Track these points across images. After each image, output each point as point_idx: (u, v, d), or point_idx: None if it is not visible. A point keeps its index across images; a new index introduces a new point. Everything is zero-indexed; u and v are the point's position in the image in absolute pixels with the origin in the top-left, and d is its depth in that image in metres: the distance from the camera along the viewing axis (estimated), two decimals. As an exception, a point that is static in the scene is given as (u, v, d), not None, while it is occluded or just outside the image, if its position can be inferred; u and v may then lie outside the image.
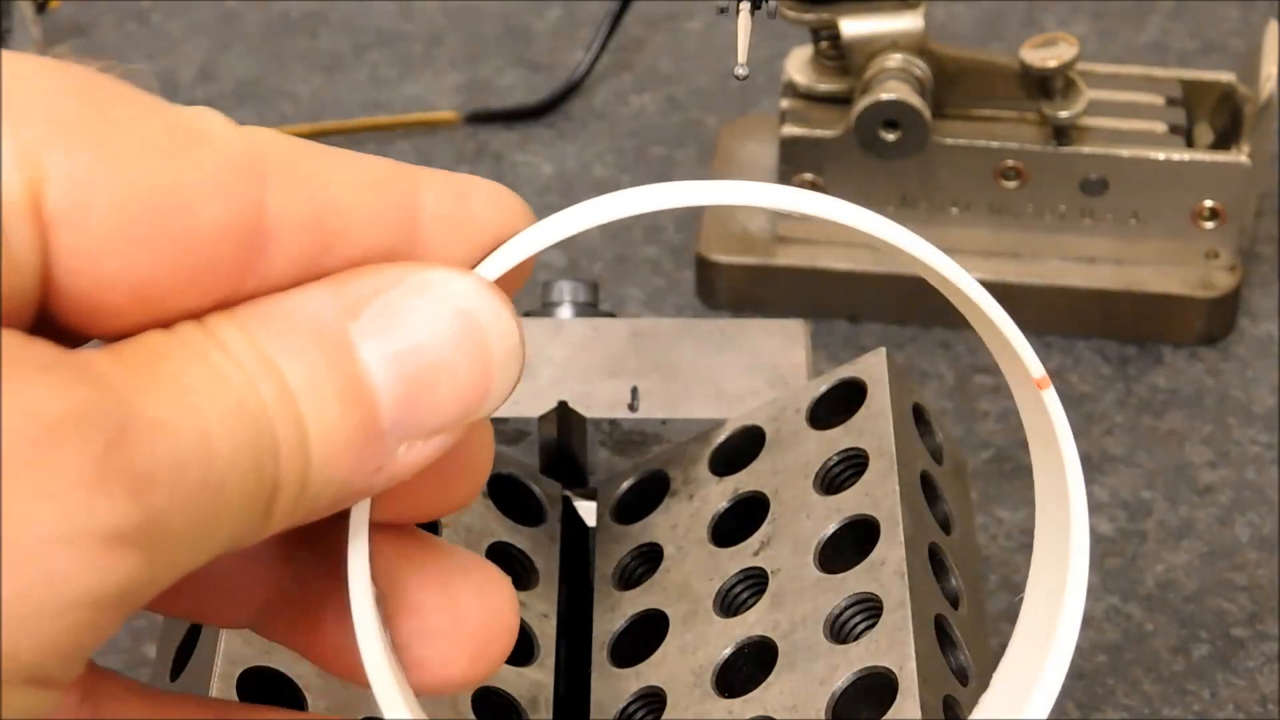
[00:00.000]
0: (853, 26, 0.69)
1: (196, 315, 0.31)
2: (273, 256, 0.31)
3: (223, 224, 0.31)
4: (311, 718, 0.37)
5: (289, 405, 0.30)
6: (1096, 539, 0.64)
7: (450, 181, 0.35)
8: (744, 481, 0.51)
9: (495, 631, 0.34)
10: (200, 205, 0.30)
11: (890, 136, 0.68)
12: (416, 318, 0.32)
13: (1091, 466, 0.66)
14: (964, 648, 0.47)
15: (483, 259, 0.34)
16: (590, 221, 0.34)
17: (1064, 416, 0.36)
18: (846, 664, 0.45)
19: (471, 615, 0.34)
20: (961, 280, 0.35)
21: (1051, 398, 0.35)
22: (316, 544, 0.34)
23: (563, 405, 0.54)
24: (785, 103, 0.71)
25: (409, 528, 0.34)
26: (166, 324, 0.31)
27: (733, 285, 0.72)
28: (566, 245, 0.74)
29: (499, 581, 0.34)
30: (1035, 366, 0.35)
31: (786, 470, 0.50)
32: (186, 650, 0.46)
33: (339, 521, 0.32)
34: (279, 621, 0.35)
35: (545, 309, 0.61)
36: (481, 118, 0.79)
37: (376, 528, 0.33)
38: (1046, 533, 0.37)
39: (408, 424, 0.32)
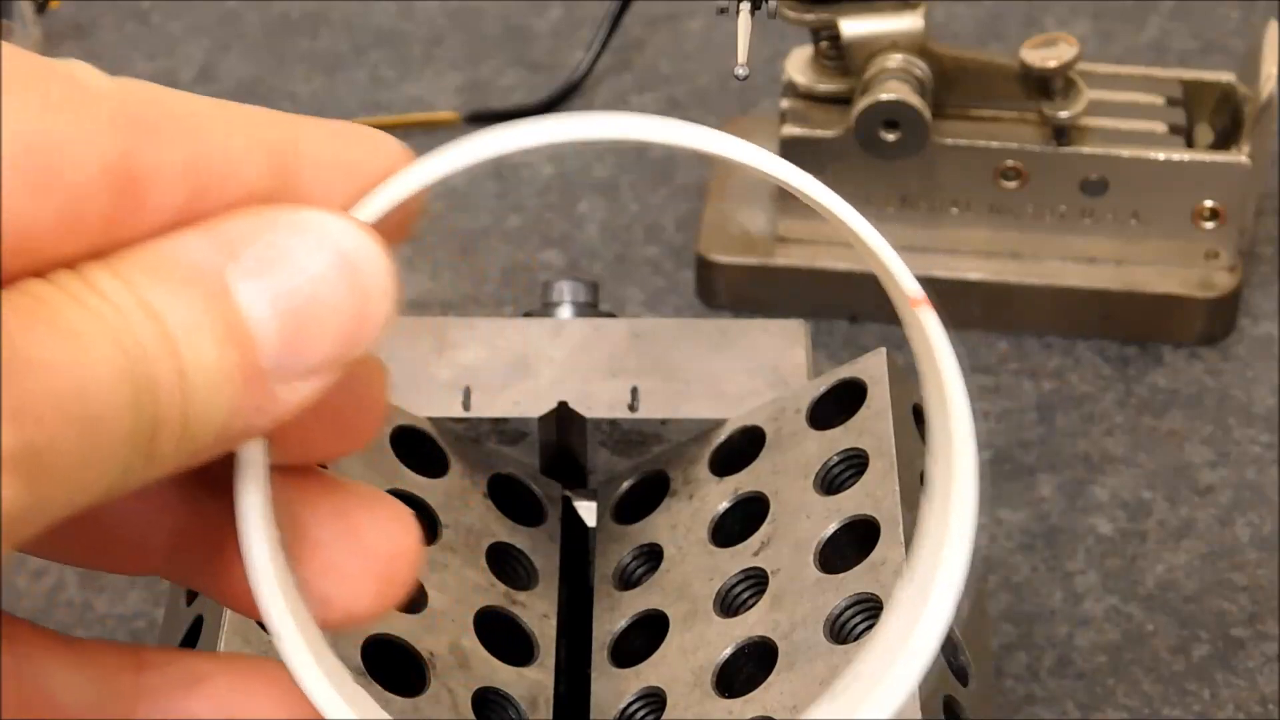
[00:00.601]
0: (853, 26, 0.69)
1: (74, 263, 0.31)
2: (150, 204, 0.32)
3: (97, 172, 0.31)
4: (231, 655, 0.37)
5: (167, 345, 0.31)
6: (1096, 539, 0.64)
7: (330, 129, 0.35)
8: (744, 482, 0.51)
9: (398, 561, 0.34)
10: (74, 154, 0.31)
11: (890, 136, 0.68)
12: (292, 257, 0.32)
13: (1091, 467, 0.66)
14: (964, 648, 0.47)
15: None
16: (463, 161, 0.35)
17: (944, 338, 0.36)
18: (846, 664, 0.45)
19: (373, 546, 0.34)
20: (833, 203, 0.34)
21: (929, 317, 0.35)
22: (216, 487, 0.34)
23: (563, 405, 0.54)
24: (785, 103, 0.71)
25: (310, 469, 0.35)
26: (43, 273, 0.31)
27: (733, 285, 0.72)
28: (567, 245, 0.74)
29: (399, 512, 0.34)
30: (911, 286, 0.35)
31: (786, 470, 0.50)
32: (188, 645, 0.46)
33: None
34: (187, 566, 0.36)
35: (545, 309, 0.61)
36: (481, 118, 0.79)
37: (277, 470, 0.34)
38: (934, 488, 0.36)
39: (287, 363, 0.32)
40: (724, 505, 0.51)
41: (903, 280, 0.35)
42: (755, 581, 0.48)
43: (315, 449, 0.36)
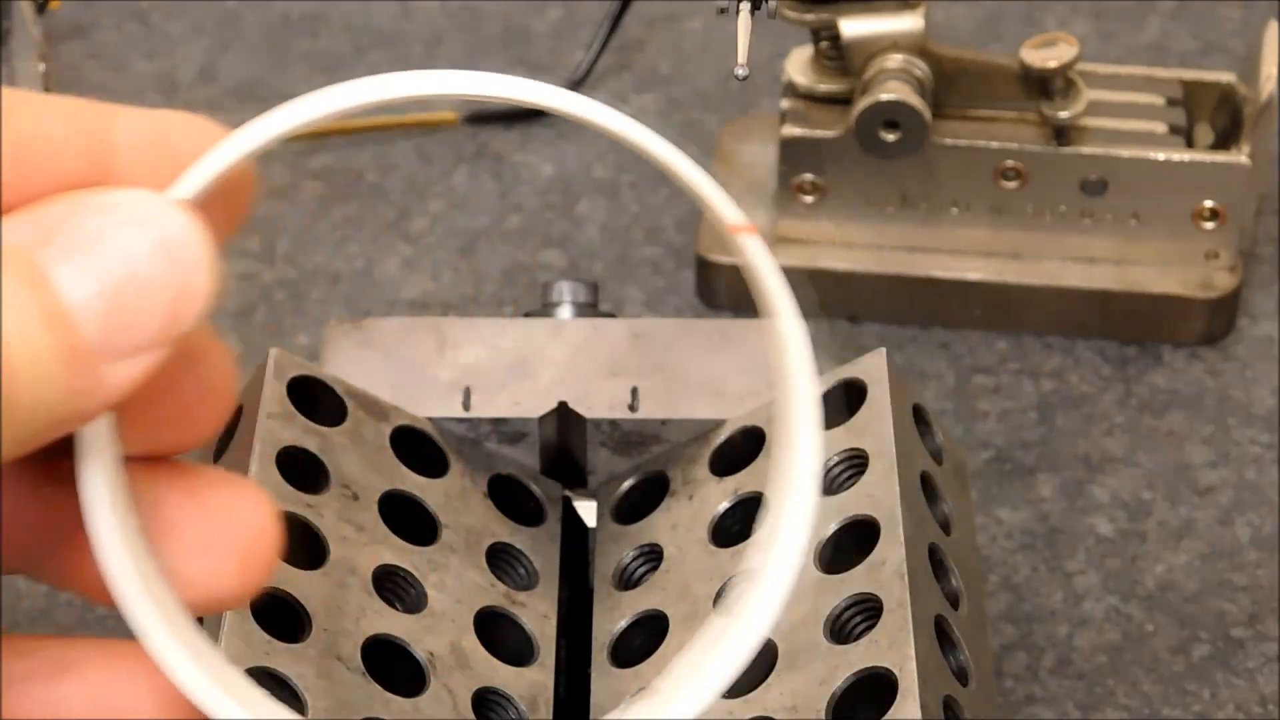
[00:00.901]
0: (853, 27, 0.69)
1: None
2: None
3: None
4: (106, 641, 0.37)
5: None
6: (1096, 539, 0.64)
7: (147, 117, 0.36)
8: (744, 482, 0.51)
9: (257, 540, 0.34)
10: None
11: (890, 137, 0.68)
12: (106, 237, 0.33)
13: (1091, 467, 0.66)
14: (964, 648, 0.47)
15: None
16: (276, 129, 0.35)
17: (771, 262, 0.36)
18: (846, 664, 0.45)
19: (229, 525, 0.34)
20: (646, 139, 0.34)
21: (753, 242, 0.35)
22: (65, 480, 0.34)
23: (563, 405, 0.54)
24: (785, 103, 0.71)
25: (162, 459, 0.35)
26: None
27: (733, 285, 0.72)
28: (567, 246, 0.74)
29: (253, 492, 0.35)
30: (731, 213, 0.34)
31: (786, 470, 0.50)
32: (186, 650, 0.46)
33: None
34: (46, 563, 0.36)
35: (545, 309, 0.61)
36: (481, 118, 0.79)
37: (128, 461, 0.34)
38: (780, 460, 0.35)
39: (111, 342, 0.33)
40: (724, 505, 0.51)
41: (724, 210, 0.35)
42: (755, 582, 0.48)
43: (161, 439, 0.35)
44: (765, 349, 0.44)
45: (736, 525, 0.50)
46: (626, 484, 0.53)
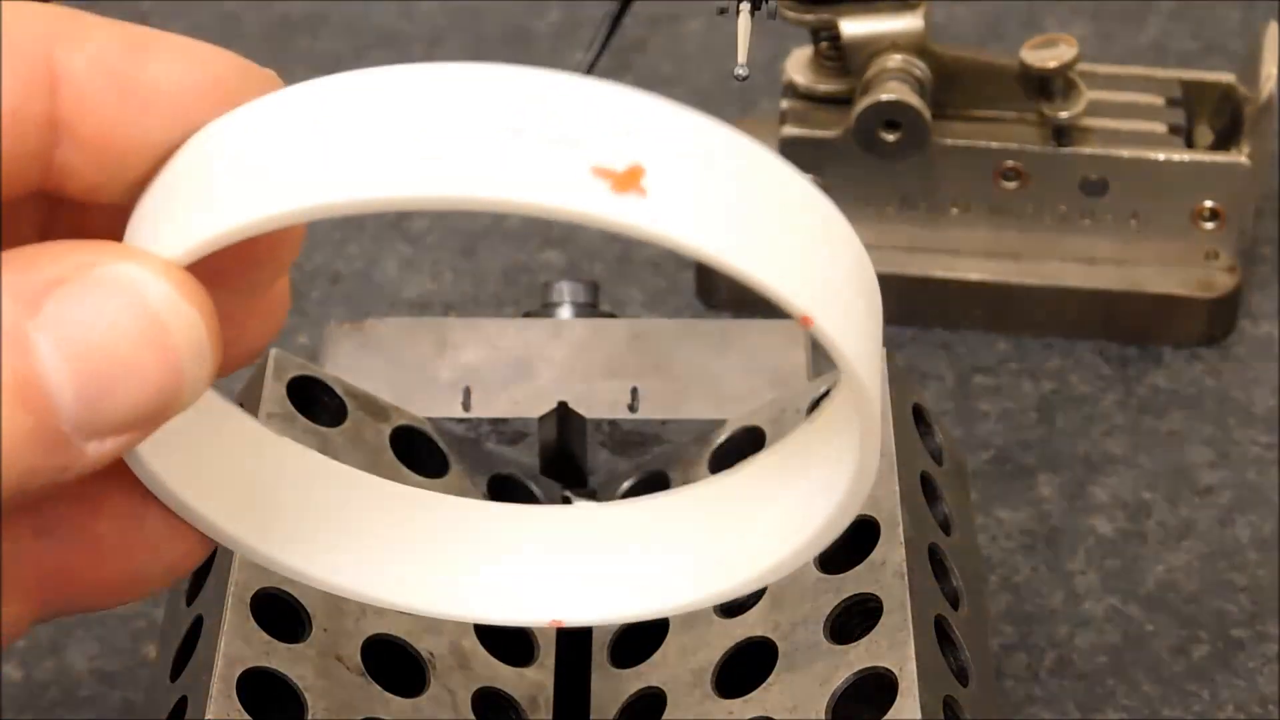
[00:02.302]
0: (853, 27, 0.69)
1: None
2: None
3: None
4: None
5: None
6: (1096, 539, 0.64)
7: (119, 35, 0.32)
8: (744, 482, 0.51)
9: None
10: None
11: (890, 137, 0.68)
12: (96, 314, 0.30)
13: (1091, 467, 0.66)
14: (964, 648, 0.47)
15: (164, 135, 0.31)
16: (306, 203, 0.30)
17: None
18: (846, 664, 0.45)
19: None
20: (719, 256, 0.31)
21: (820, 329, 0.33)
22: (59, 527, 0.34)
23: (563, 405, 0.54)
24: (785, 103, 0.71)
25: None
26: None
27: (733, 286, 0.72)
28: (567, 246, 0.74)
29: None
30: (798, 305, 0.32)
31: (786, 470, 0.50)
32: (186, 651, 0.46)
33: None
34: (66, 596, 0.35)
35: (545, 309, 0.61)
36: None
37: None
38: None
39: (89, 423, 0.31)
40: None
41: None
42: (755, 581, 0.48)
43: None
44: (765, 349, 0.44)
45: (736, 525, 0.50)
46: (626, 484, 0.53)
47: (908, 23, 0.69)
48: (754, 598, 0.48)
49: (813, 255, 0.32)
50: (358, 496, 0.38)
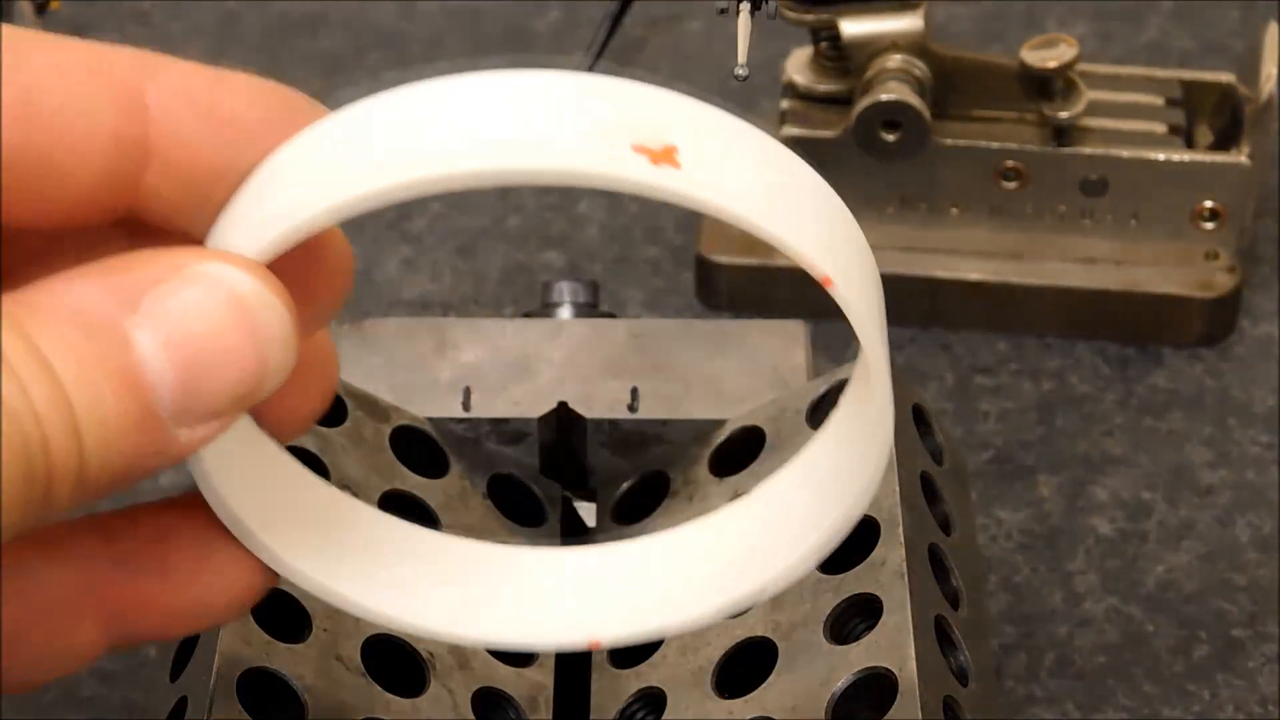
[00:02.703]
0: (853, 27, 0.69)
1: None
2: None
3: None
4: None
5: (60, 404, 0.32)
6: (1096, 539, 0.64)
7: (197, 71, 0.35)
8: (744, 482, 0.51)
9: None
10: None
11: (890, 137, 0.68)
12: (190, 307, 0.33)
13: (1092, 467, 0.66)
14: (964, 648, 0.47)
15: (240, 158, 0.35)
16: (367, 195, 0.34)
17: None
18: (846, 664, 0.45)
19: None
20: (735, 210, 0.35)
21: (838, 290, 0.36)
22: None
23: (563, 405, 0.54)
24: (785, 103, 0.71)
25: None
26: None
27: (733, 285, 0.72)
28: (567, 246, 0.74)
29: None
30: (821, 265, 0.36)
31: (786, 471, 0.50)
32: (186, 651, 0.46)
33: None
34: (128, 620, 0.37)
35: (545, 310, 0.61)
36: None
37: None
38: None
39: (185, 409, 0.33)
40: (724, 505, 0.51)
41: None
42: (755, 582, 0.48)
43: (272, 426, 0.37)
44: (765, 349, 0.45)
45: (736, 525, 0.50)
46: (626, 484, 0.53)
47: (908, 23, 0.69)
48: (754, 598, 0.48)
49: (828, 227, 0.36)
50: (401, 539, 0.41)
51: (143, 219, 0.36)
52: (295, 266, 0.35)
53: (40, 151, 0.33)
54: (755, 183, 0.35)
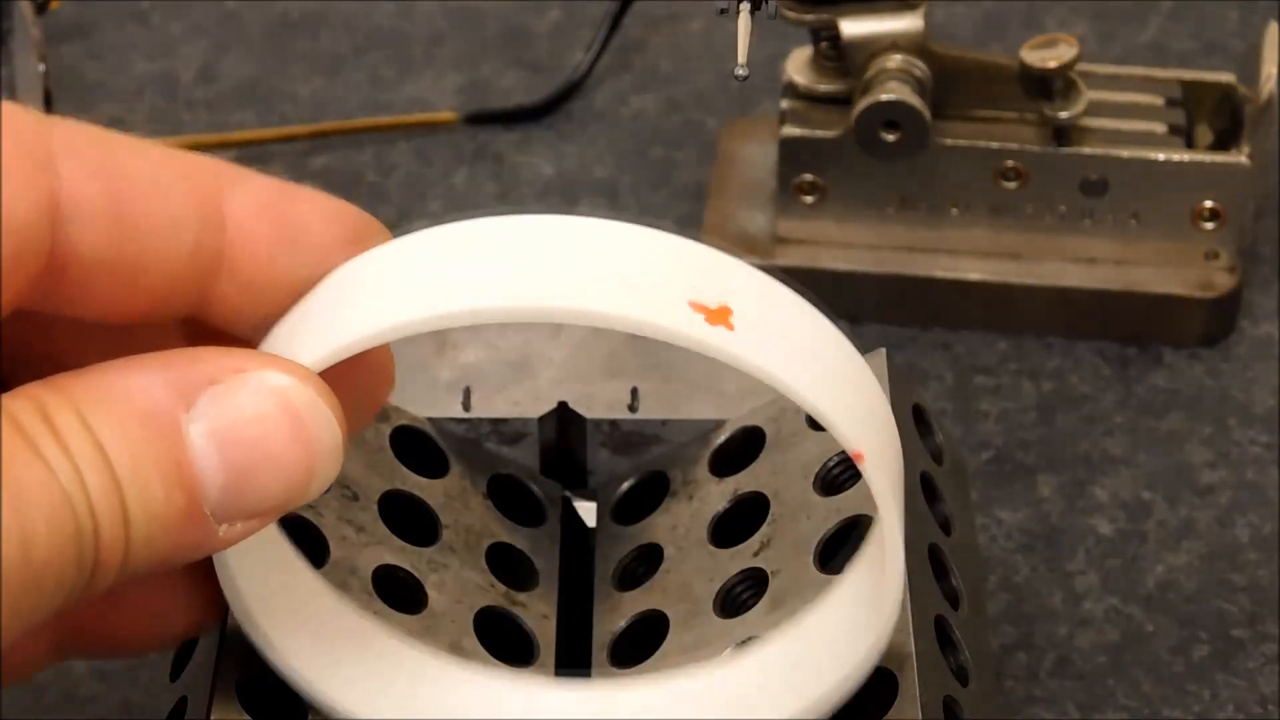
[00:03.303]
0: (853, 27, 0.69)
1: (14, 295, 0.33)
2: (78, 240, 0.34)
3: (33, 208, 0.33)
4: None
5: (113, 494, 0.33)
6: (1096, 539, 0.64)
7: (274, 188, 0.37)
8: (744, 482, 0.51)
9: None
10: (12, 196, 0.33)
11: (890, 137, 0.68)
12: (245, 411, 0.34)
13: (1092, 467, 0.66)
14: (964, 648, 0.47)
15: (308, 274, 0.36)
16: (421, 318, 0.35)
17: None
18: (846, 664, 0.45)
19: None
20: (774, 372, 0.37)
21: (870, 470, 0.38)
22: None
23: (563, 405, 0.54)
24: (785, 103, 0.71)
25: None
26: None
27: (733, 286, 0.72)
28: (566, 246, 0.74)
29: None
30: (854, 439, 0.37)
31: (786, 470, 0.50)
32: (186, 651, 0.46)
33: None
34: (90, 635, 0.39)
35: (545, 309, 0.61)
36: (481, 118, 0.79)
37: None
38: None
39: (229, 508, 0.34)
40: (724, 505, 0.51)
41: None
42: (755, 582, 0.49)
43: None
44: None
45: (736, 526, 0.50)
46: (626, 484, 0.53)
47: (908, 23, 0.69)
48: (754, 598, 0.48)
49: (864, 402, 0.38)
50: (400, 660, 0.42)
51: (205, 321, 0.37)
52: (341, 370, 0.36)
53: (129, 257, 0.35)
54: (801, 353, 0.37)
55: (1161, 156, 0.70)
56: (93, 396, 0.33)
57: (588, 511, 0.54)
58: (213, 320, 0.37)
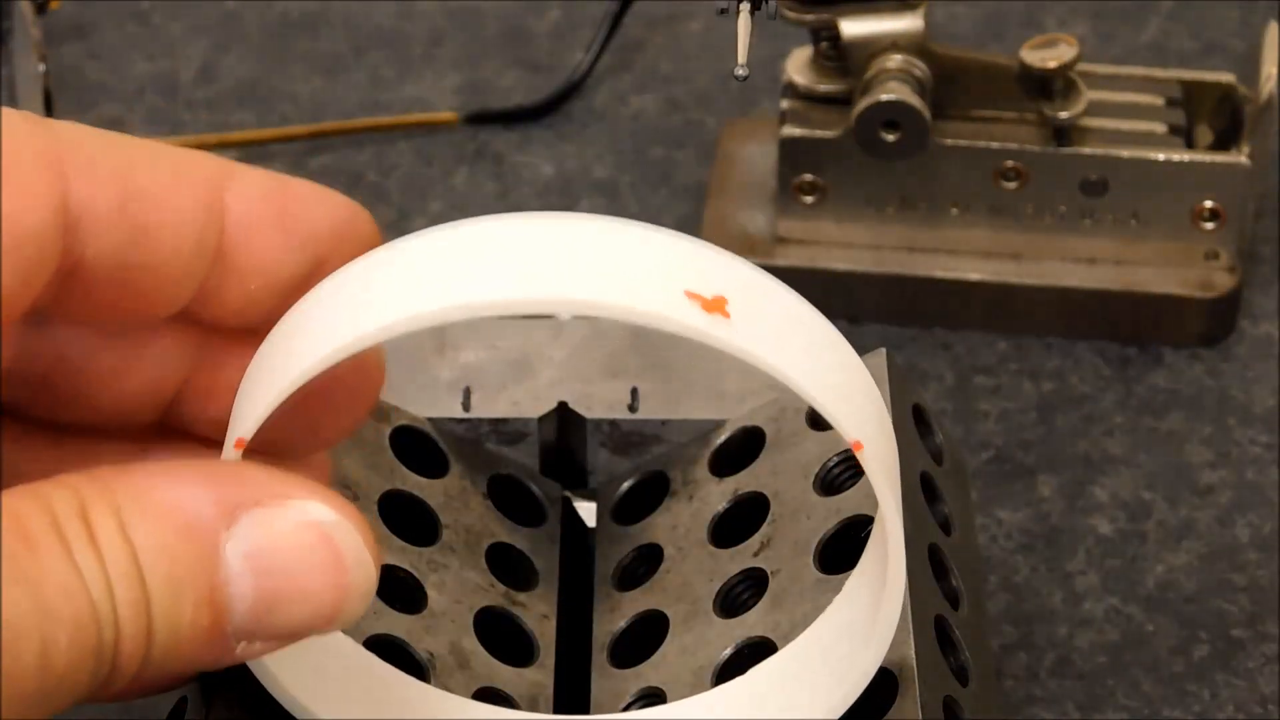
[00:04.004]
0: (853, 27, 0.69)
1: (25, 304, 0.33)
2: (93, 243, 0.34)
3: (49, 216, 0.33)
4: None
5: (141, 609, 0.32)
6: (1096, 539, 0.64)
7: (269, 180, 0.37)
8: (744, 482, 0.51)
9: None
10: (23, 204, 0.32)
11: (890, 137, 0.68)
12: (285, 539, 0.34)
13: (1091, 467, 0.66)
14: (964, 648, 0.47)
15: (307, 264, 0.37)
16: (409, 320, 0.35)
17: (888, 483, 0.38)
18: (846, 664, 0.45)
19: None
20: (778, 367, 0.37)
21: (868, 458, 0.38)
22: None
23: (563, 405, 0.54)
24: (785, 103, 0.71)
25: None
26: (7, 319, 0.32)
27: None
28: (566, 246, 0.74)
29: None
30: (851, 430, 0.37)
31: (786, 470, 0.50)
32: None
33: None
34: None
35: (545, 309, 0.61)
36: (481, 118, 0.79)
37: None
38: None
39: (252, 631, 0.34)
40: (724, 505, 0.51)
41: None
42: (755, 582, 0.49)
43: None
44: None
45: (736, 526, 0.50)
46: (626, 484, 0.53)
47: (908, 23, 0.69)
48: (754, 598, 0.48)
49: (860, 393, 0.38)
50: (386, 682, 0.43)
51: (198, 316, 0.37)
52: (335, 369, 0.36)
53: (136, 258, 0.35)
54: (797, 342, 0.37)
55: (1161, 156, 0.70)
56: (136, 503, 0.33)
57: (588, 511, 0.54)
58: (207, 314, 0.37)
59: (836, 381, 0.37)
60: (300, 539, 0.34)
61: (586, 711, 0.48)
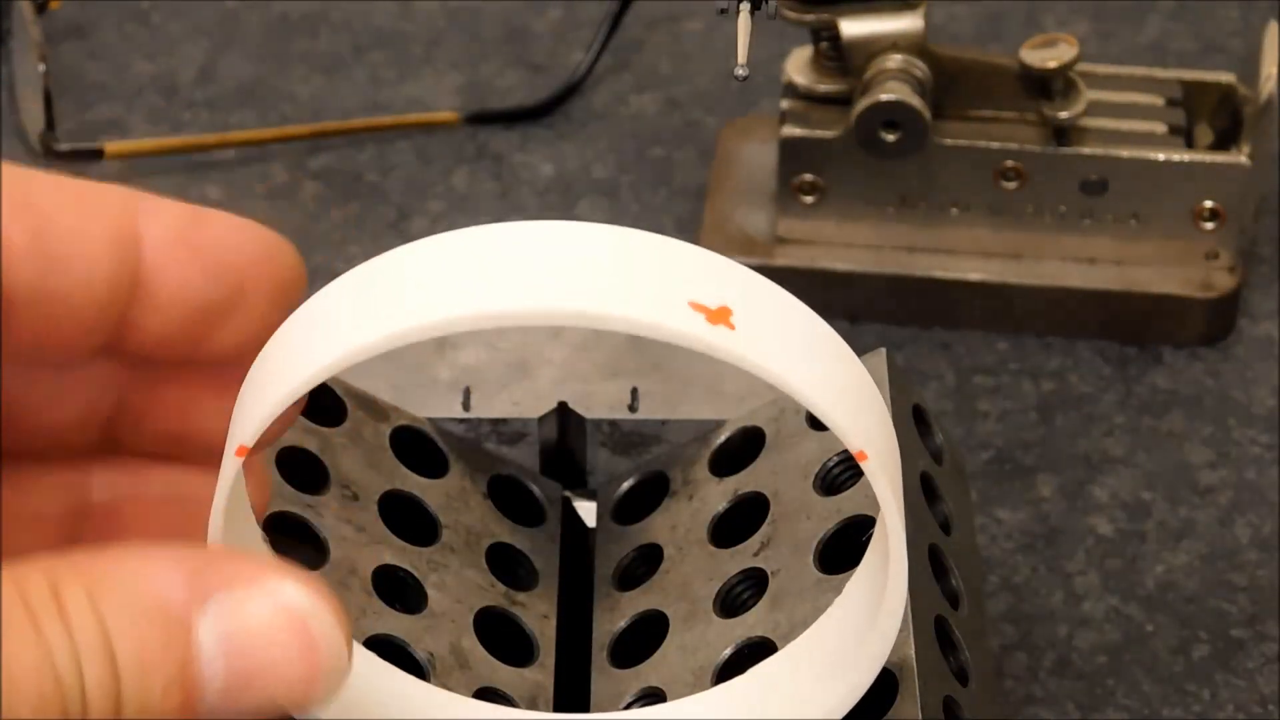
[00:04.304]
0: (853, 27, 0.69)
1: None
2: (7, 279, 0.34)
3: None
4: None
5: (110, 687, 0.32)
6: (1096, 539, 0.64)
7: (182, 211, 0.37)
8: (744, 482, 0.51)
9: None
10: None
11: (890, 137, 0.68)
12: (258, 620, 0.34)
13: (1091, 467, 0.66)
14: (964, 648, 0.47)
15: (224, 294, 0.37)
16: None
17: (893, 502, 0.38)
18: (846, 664, 0.45)
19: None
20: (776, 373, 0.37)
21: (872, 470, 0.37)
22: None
23: (563, 405, 0.54)
24: (785, 103, 0.71)
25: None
26: None
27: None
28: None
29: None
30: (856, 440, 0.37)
31: (786, 471, 0.50)
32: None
33: None
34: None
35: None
36: (481, 118, 0.79)
37: None
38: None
39: (223, 710, 0.34)
40: (724, 505, 0.51)
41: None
42: (755, 582, 0.49)
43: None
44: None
45: (736, 526, 0.50)
46: (626, 484, 0.53)
47: (908, 23, 0.69)
48: (754, 597, 0.48)
49: (865, 403, 0.38)
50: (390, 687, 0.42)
51: (123, 350, 0.38)
52: None
53: (49, 290, 0.35)
54: (802, 352, 0.37)
55: (1161, 156, 0.70)
56: (108, 580, 0.33)
57: (588, 511, 0.54)
58: (132, 347, 0.38)
59: (842, 391, 0.37)
60: (273, 621, 0.34)
61: (586, 711, 0.49)
